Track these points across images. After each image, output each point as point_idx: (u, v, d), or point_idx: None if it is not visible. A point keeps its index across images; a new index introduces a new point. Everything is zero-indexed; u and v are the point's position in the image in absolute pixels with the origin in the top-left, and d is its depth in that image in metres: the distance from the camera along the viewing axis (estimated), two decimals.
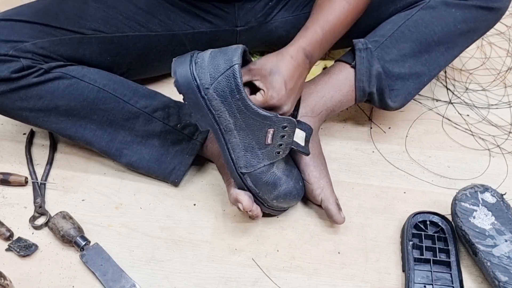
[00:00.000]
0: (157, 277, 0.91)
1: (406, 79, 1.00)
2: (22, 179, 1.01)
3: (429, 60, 1.00)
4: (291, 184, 0.93)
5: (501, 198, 0.93)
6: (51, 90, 0.93)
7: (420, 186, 1.03)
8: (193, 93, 0.83)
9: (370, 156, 1.08)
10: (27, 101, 0.93)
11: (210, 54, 0.84)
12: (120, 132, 0.98)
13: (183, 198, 1.01)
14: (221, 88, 0.82)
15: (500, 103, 1.18)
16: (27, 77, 0.91)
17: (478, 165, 1.07)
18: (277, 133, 0.86)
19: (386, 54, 0.98)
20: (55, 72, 0.93)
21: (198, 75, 0.82)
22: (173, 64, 0.84)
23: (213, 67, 0.82)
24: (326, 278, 0.91)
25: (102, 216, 0.98)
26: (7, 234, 0.94)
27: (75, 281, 0.90)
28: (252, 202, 0.90)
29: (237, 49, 0.83)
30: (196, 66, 0.83)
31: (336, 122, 1.13)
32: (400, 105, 1.03)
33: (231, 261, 0.93)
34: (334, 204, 0.94)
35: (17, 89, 0.92)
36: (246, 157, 0.87)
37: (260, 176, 0.89)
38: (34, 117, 0.95)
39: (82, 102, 0.95)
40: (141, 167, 1.01)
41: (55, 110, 0.95)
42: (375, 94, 1.00)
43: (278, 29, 1.12)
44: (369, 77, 0.98)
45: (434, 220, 0.95)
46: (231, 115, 0.84)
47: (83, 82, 0.95)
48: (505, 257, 0.87)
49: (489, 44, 1.31)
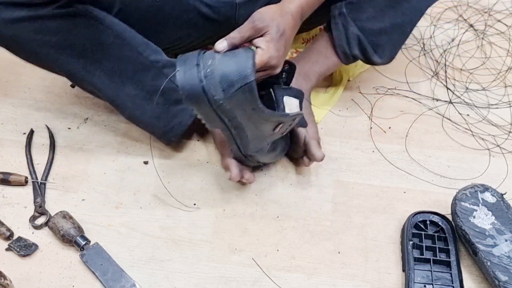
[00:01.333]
0: (157, 277, 0.91)
1: (390, 32, 1.02)
2: (22, 179, 1.01)
3: (409, 8, 1.01)
4: (284, 143, 0.99)
5: (501, 197, 0.93)
6: (70, 26, 0.90)
7: (420, 185, 1.03)
8: (205, 107, 0.78)
9: (370, 156, 1.08)
10: (43, 33, 0.89)
11: (219, 63, 0.76)
12: (127, 84, 0.97)
13: (183, 197, 1.01)
14: (236, 100, 0.78)
15: (500, 102, 1.18)
16: (48, 5, 0.87)
17: (478, 165, 1.07)
18: (286, 125, 0.88)
19: (362, 13, 1.00)
20: (77, 8, 0.90)
21: (209, 90, 0.76)
22: (178, 78, 0.76)
23: (226, 82, 0.76)
24: (326, 277, 0.91)
25: (102, 215, 0.98)
26: (7, 233, 0.94)
27: (75, 280, 0.90)
28: (240, 175, 0.95)
29: (248, 58, 0.77)
30: (206, 80, 0.75)
31: (336, 121, 1.13)
32: (388, 60, 1.07)
33: (231, 260, 0.93)
34: (316, 141, 0.98)
35: (36, 18, 0.87)
36: (253, 144, 0.89)
37: (263, 151, 0.93)
38: (46, 54, 0.92)
39: (97, 45, 0.93)
40: (142, 121, 1.01)
41: (69, 49, 0.92)
42: (358, 55, 1.04)
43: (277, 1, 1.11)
44: (347, 40, 1.03)
45: (434, 219, 0.95)
46: (243, 118, 0.83)
47: (102, 25, 0.92)
48: (505, 257, 0.87)
49: (489, 43, 1.31)
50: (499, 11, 1.37)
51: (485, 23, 1.35)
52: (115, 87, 0.97)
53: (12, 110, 1.14)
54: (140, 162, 1.06)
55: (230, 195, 1.01)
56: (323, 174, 1.04)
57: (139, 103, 0.99)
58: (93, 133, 1.10)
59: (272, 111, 0.83)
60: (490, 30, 1.33)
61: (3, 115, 1.13)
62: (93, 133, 1.10)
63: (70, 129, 1.11)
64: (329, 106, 1.15)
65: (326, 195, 1.02)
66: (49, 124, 1.11)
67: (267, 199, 1.01)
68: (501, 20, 1.35)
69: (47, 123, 1.11)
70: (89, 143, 1.08)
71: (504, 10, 1.37)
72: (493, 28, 1.34)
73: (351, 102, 1.17)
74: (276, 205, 1.00)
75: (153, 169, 1.05)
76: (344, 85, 1.18)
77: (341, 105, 1.16)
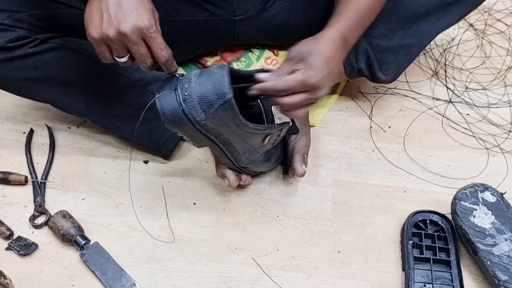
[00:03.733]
0: (157, 276, 0.91)
1: (397, 51, 1.03)
2: (22, 178, 1.01)
3: (418, 31, 1.02)
4: (279, 151, 0.99)
5: (501, 197, 0.93)
6: (47, 60, 0.92)
7: (420, 185, 1.03)
8: (188, 129, 0.79)
9: (370, 155, 1.08)
10: (22, 71, 0.92)
11: (195, 85, 0.76)
12: (113, 104, 0.98)
13: (183, 197, 1.01)
14: (218, 118, 0.78)
15: (500, 102, 1.18)
16: (23, 47, 0.90)
17: (478, 164, 1.07)
18: (274, 135, 0.87)
19: (373, 30, 1.00)
20: (51, 42, 0.92)
21: (191, 113, 0.76)
22: (158, 105, 0.77)
23: (205, 103, 0.76)
24: (326, 277, 0.91)
25: (102, 215, 0.98)
26: (7, 233, 0.94)
27: (75, 280, 0.90)
28: (237, 180, 0.95)
29: (223, 76, 0.76)
30: (186, 104, 0.76)
31: (336, 121, 1.13)
32: (392, 78, 1.07)
33: (231, 260, 0.93)
34: (300, 155, 0.97)
35: (12, 59, 0.90)
36: (245, 157, 0.90)
37: (256, 162, 0.93)
38: (28, 88, 0.94)
39: (77, 73, 0.94)
40: (133, 140, 1.02)
41: (50, 81, 0.94)
42: (364, 69, 1.05)
43: (276, 16, 1.11)
44: (356, 53, 1.02)
45: (434, 219, 0.95)
46: (229, 134, 0.83)
47: (79, 53, 0.94)
48: (505, 256, 0.87)
49: (489, 43, 1.30)
50: (499, 10, 1.37)
51: (485, 22, 1.34)
52: (102, 109, 0.98)
53: (12, 110, 1.14)
54: (140, 162, 1.06)
55: (230, 195, 1.01)
56: (323, 174, 1.04)
57: (128, 121, 0.99)
58: (93, 132, 1.10)
59: (255, 125, 0.82)
60: (490, 30, 1.33)
61: (3, 115, 1.13)
62: (93, 133, 1.10)
63: (70, 129, 1.11)
64: (327, 108, 1.15)
65: (326, 195, 1.02)
66: (49, 124, 1.11)
67: (267, 199, 1.01)
68: (501, 20, 1.35)
69: (47, 122, 1.11)
70: (89, 143, 1.08)
71: (504, 9, 1.37)
72: (493, 27, 1.33)
73: (351, 101, 1.17)
74: (276, 204, 1.00)
75: (153, 169, 1.05)
76: (343, 87, 1.18)
77: (341, 105, 1.16)
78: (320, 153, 1.07)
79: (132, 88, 0.98)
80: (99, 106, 0.98)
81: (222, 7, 1.08)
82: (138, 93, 0.98)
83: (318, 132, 1.10)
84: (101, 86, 0.97)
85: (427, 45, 1.07)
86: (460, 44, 1.29)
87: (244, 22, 1.10)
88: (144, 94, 0.99)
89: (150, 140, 1.02)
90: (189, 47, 1.08)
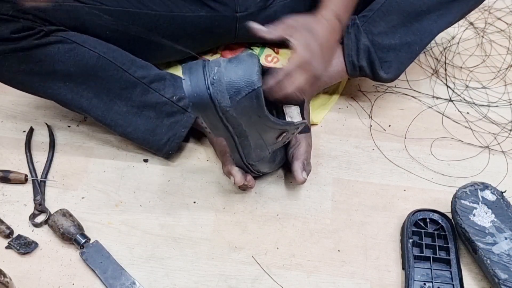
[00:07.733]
0: (157, 275, 0.91)
1: (398, 49, 1.03)
2: (22, 177, 1.01)
3: (420, 29, 1.02)
4: (283, 153, 0.99)
5: (501, 196, 0.93)
6: (51, 53, 0.92)
7: (420, 184, 1.03)
8: (211, 114, 0.79)
9: (370, 154, 1.08)
10: (25, 63, 0.91)
11: (225, 70, 0.76)
12: (116, 101, 0.98)
13: (183, 195, 1.01)
14: (242, 107, 0.78)
15: (500, 101, 1.18)
16: (27, 38, 0.89)
17: (478, 163, 1.07)
18: (289, 133, 0.88)
19: (374, 27, 1.01)
20: (56, 36, 0.92)
21: (217, 98, 0.76)
22: (185, 86, 0.77)
23: (233, 89, 0.76)
24: (326, 275, 0.91)
25: (102, 213, 0.98)
26: (7, 231, 0.94)
27: (75, 278, 0.90)
28: (243, 179, 0.94)
29: (254, 64, 0.77)
30: (213, 88, 0.76)
31: (336, 119, 1.13)
32: (394, 76, 1.06)
33: (231, 258, 0.93)
34: (300, 162, 0.96)
35: (17, 50, 0.89)
36: (255, 153, 0.90)
37: (264, 160, 0.93)
38: (30, 81, 0.94)
39: (81, 68, 0.94)
40: (135, 138, 1.01)
41: (53, 75, 0.93)
42: (365, 67, 1.04)
43: (277, 13, 1.11)
44: (357, 51, 1.03)
45: (434, 218, 0.95)
46: (247, 126, 0.82)
47: (84, 47, 0.94)
48: (505, 255, 0.87)
49: (489, 42, 1.30)
50: (499, 9, 1.37)
51: (485, 21, 1.34)
52: (104, 106, 0.98)
53: (11, 108, 1.14)
54: (140, 160, 1.06)
55: (230, 193, 1.01)
56: (323, 172, 1.04)
57: (130, 119, 0.99)
58: (93, 131, 1.10)
59: (277, 119, 0.83)
60: (490, 28, 1.33)
61: (3, 113, 1.13)
62: (93, 131, 1.10)
63: (70, 127, 1.11)
64: (328, 107, 1.14)
65: (326, 193, 1.02)
66: (49, 122, 1.11)
67: (267, 197, 1.01)
68: (501, 18, 1.35)
69: (47, 121, 1.11)
70: (89, 141, 1.08)
71: (504, 8, 1.37)
72: (493, 26, 1.33)
73: (351, 100, 1.17)
74: (276, 203, 1.00)
75: (153, 167, 1.05)
76: (344, 86, 1.18)
77: (341, 103, 1.16)
78: (320, 151, 1.07)
79: (135, 86, 0.98)
80: (101, 102, 0.98)
81: (223, 3, 1.07)
82: (141, 90, 0.98)
83: (318, 130, 1.10)
84: (104, 82, 0.96)
85: (428, 44, 1.07)
86: (460, 42, 1.29)
87: (245, 19, 1.10)
88: (147, 91, 0.98)
89: (152, 139, 1.01)
90: (190, 43, 1.08)
